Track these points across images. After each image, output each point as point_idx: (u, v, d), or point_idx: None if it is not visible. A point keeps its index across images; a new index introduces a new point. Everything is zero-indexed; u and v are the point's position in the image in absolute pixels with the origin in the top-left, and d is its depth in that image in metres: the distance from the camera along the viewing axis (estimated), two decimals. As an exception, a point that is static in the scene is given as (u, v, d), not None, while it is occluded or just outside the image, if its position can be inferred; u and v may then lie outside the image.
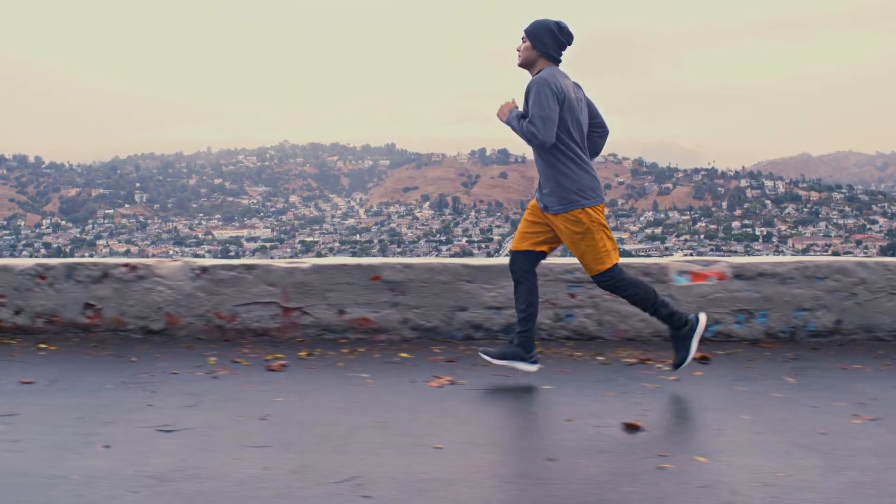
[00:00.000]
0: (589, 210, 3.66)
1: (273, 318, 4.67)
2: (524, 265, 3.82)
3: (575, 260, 4.64)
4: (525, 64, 3.79)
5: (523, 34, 3.77)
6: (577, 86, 3.80)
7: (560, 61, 3.79)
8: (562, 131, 3.65)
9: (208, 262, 4.72)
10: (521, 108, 3.77)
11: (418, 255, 67.92)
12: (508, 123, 3.75)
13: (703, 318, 3.78)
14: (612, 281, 3.73)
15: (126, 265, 4.76)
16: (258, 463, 2.83)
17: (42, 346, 4.59)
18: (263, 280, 4.66)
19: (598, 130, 3.89)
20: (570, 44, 3.77)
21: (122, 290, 4.75)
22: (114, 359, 4.34)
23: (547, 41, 3.72)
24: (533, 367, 3.83)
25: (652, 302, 3.74)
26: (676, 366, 3.78)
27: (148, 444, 3.05)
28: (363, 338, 4.63)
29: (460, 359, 4.23)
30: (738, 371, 3.99)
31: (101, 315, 4.78)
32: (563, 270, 4.55)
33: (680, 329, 3.75)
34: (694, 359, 4.19)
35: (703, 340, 4.51)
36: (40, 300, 4.81)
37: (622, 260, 4.02)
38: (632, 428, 3.16)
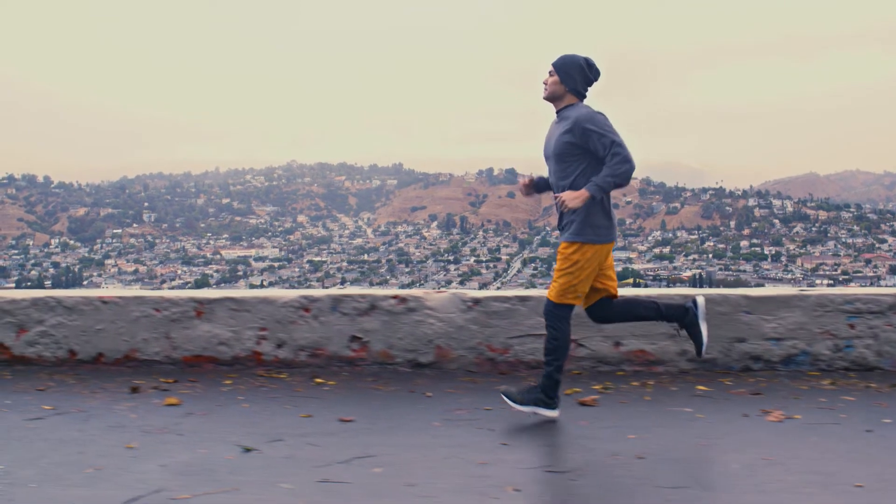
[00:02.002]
0: (595, 246, 3.63)
1: (547, 350, 4.62)
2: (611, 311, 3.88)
3: (854, 290, 4.64)
4: (551, 98, 3.72)
5: (551, 68, 3.69)
6: None
7: (585, 97, 3.73)
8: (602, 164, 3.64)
9: (480, 293, 4.68)
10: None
11: (426, 275, 67.54)
12: (597, 191, 3.54)
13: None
14: (556, 318, 3.70)
15: (395, 297, 4.70)
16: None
17: (319, 380, 4.52)
18: (538, 312, 4.61)
19: None
20: (596, 80, 3.72)
21: (390, 323, 4.69)
22: (406, 394, 4.28)
23: (576, 77, 3.66)
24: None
25: (558, 359, 3.74)
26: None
27: (556, 487, 3.01)
28: (640, 370, 4.60)
29: (763, 392, 4.20)
30: None
31: (367, 348, 4.72)
32: (842, 301, 4.54)
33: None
34: None
35: None
36: (304, 333, 4.75)
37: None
38: None
